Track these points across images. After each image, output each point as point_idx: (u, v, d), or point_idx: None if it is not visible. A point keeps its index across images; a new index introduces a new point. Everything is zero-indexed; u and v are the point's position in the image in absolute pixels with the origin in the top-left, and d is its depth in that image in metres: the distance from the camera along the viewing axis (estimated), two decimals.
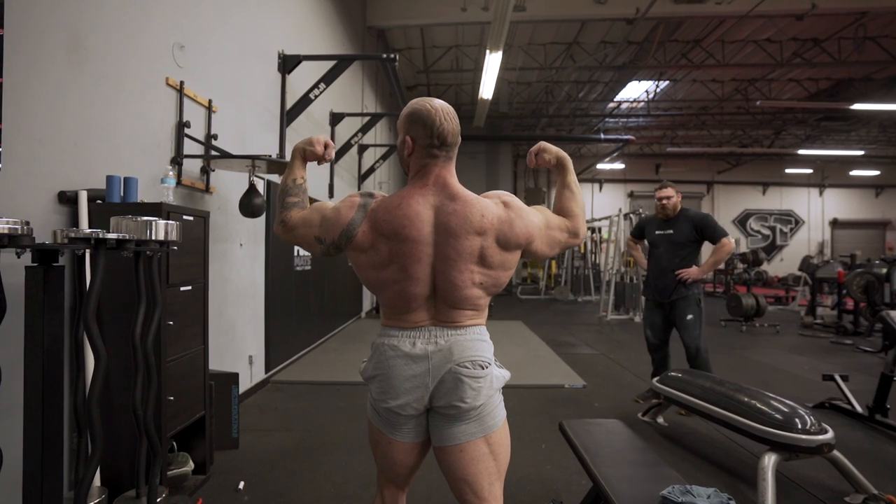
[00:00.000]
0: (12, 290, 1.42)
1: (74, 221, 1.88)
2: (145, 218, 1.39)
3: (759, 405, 2.22)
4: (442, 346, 1.11)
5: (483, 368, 1.11)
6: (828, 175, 17.54)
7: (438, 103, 1.12)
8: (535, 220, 1.17)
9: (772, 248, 17.75)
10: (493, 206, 1.12)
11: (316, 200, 1.14)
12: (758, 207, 17.89)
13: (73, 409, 1.36)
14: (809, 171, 17.19)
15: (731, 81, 10.96)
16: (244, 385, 3.45)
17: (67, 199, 1.85)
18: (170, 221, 1.43)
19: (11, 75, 1.62)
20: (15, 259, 1.32)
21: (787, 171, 17.04)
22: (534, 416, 3.18)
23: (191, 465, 2.17)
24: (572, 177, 1.29)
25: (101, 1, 2.03)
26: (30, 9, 1.70)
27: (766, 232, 17.88)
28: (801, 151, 14.33)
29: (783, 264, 16.91)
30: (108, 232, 1.38)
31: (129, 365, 1.62)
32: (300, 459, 2.49)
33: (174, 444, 2.20)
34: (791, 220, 17.92)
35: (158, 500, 1.51)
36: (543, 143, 1.33)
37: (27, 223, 1.30)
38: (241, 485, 2.19)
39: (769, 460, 2.03)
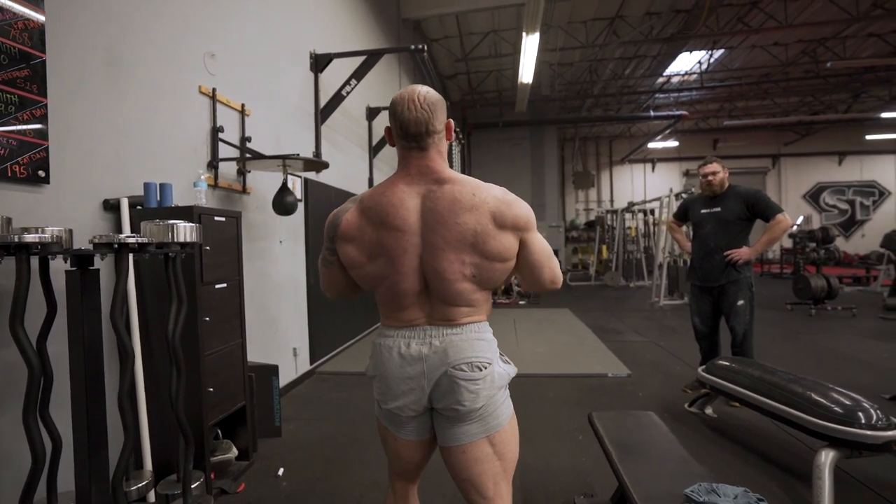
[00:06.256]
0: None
1: (119, 227, 2.02)
2: (168, 221, 1.47)
3: (815, 396, 2.04)
4: (437, 347, 1.06)
5: (481, 370, 1.06)
6: None
7: (413, 91, 1.06)
8: (537, 235, 1.10)
9: (850, 224, 16.17)
10: (489, 186, 1.07)
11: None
12: (833, 180, 16.29)
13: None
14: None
15: (796, 44, 9.97)
16: (289, 376, 3.60)
17: (111, 207, 2.00)
18: (189, 224, 1.51)
19: (55, 95, 1.76)
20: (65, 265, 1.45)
21: (868, 137, 15.32)
22: (572, 406, 3.11)
23: (234, 452, 2.30)
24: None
25: (133, 17, 2.16)
26: (69, 31, 1.84)
27: (844, 206, 16.29)
28: (886, 115, 12.83)
29: (865, 241, 15.33)
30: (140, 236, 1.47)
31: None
32: (338, 447, 2.58)
33: (219, 431, 2.34)
34: (874, 192, 16.15)
35: (194, 484, 1.62)
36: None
37: (65, 231, 1.41)
38: (281, 471, 2.30)
39: (826, 457, 1.86)
